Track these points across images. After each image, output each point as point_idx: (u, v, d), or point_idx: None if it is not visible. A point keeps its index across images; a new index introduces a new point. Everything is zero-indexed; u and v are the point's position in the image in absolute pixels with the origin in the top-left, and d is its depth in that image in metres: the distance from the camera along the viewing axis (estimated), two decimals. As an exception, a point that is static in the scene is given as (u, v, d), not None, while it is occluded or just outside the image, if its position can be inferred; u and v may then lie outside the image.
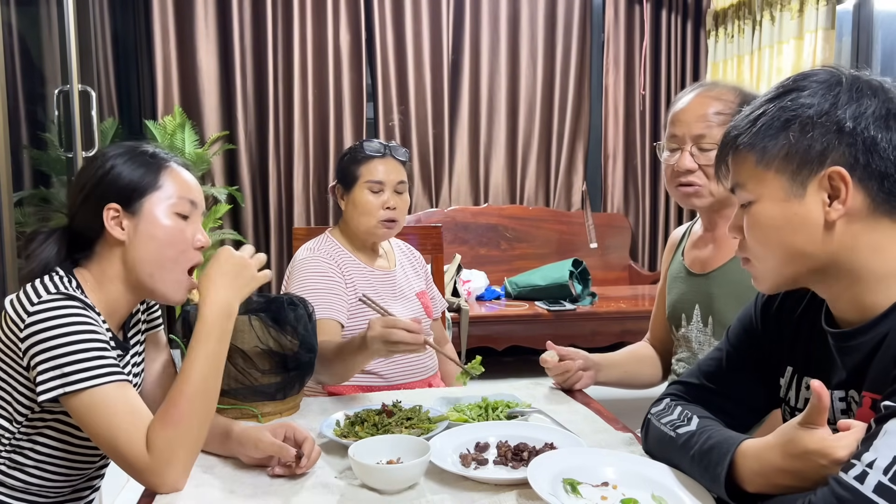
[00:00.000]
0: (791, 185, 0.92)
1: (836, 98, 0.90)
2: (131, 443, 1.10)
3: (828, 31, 3.60)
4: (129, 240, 1.23)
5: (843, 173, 0.89)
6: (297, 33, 4.52)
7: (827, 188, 0.90)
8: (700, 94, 1.55)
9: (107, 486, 1.50)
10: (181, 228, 1.25)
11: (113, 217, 1.23)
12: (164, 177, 1.26)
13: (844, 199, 0.89)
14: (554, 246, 4.80)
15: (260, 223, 4.66)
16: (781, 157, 0.92)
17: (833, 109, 0.90)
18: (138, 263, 1.24)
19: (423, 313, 2.00)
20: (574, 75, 4.88)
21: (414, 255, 2.13)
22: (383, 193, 1.88)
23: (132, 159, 1.25)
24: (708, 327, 1.57)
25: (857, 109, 0.89)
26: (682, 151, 1.54)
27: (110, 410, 1.11)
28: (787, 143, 0.91)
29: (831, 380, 0.98)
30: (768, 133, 0.93)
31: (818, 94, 0.91)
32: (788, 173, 0.92)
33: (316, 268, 1.84)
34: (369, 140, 1.95)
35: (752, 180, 0.96)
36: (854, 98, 0.90)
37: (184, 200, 1.26)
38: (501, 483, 1.12)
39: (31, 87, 3.41)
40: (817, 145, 0.90)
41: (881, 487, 0.77)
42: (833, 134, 0.89)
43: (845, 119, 0.89)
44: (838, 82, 0.92)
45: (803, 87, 0.93)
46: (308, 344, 1.44)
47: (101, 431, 1.11)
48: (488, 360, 1.67)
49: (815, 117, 0.90)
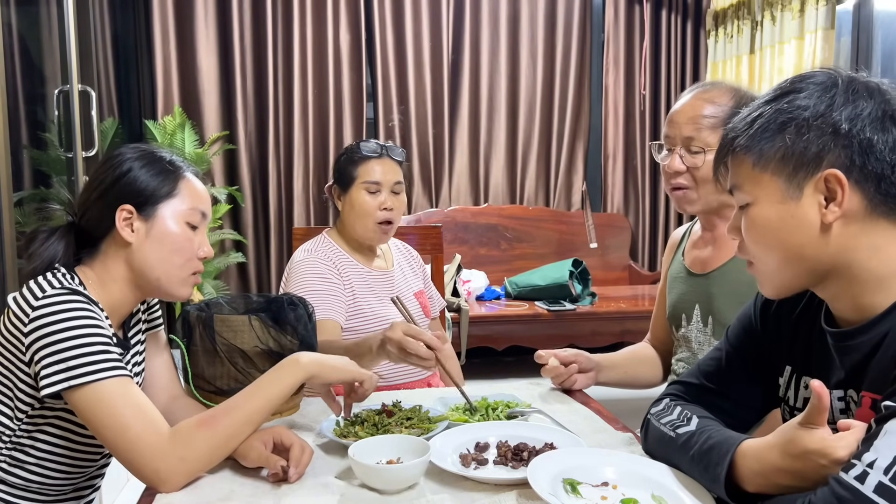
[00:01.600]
0: (788, 188, 0.92)
1: (831, 100, 0.90)
2: (135, 438, 1.10)
3: (828, 31, 3.60)
4: (138, 243, 1.25)
5: (839, 176, 0.88)
6: (297, 33, 4.52)
7: (823, 190, 0.90)
8: (695, 95, 1.54)
9: (107, 485, 1.50)
10: (189, 238, 1.28)
11: (125, 218, 1.24)
12: (180, 186, 1.29)
13: (841, 201, 0.89)
14: (554, 246, 4.80)
15: (260, 223, 4.66)
16: (778, 160, 0.92)
17: (829, 111, 0.89)
18: (145, 267, 1.26)
19: (422, 313, 2.00)
20: (574, 75, 4.88)
21: (412, 254, 2.14)
22: (380, 194, 1.88)
23: (150, 164, 1.28)
24: (708, 327, 1.57)
25: (853, 111, 0.89)
26: (672, 153, 1.54)
27: (115, 405, 1.11)
28: (784, 145, 0.91)
29: (830, 379, 0.98)
30: (765, 135, 0.93)
31: (814, 95, 0.91)
32: (785, 175, 0.92)
33: (313, 269, 1.84)
34: (366, 140, 1.95)
35: (749, 182, 0.96)
36: (850, 100, 0.90)
37: (196, 211, 1.29)
38: (501, 483, 1.11)
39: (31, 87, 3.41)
40: (813, 147, 0.89)
41: (881, 487, 0.77)
42: (829, 136, 0.89)
43: (841, 121, 0.89)
44: (834, 84, 0.92)
45: (800, 88, 0.93)
46: (308, 344, 1.44)
47: (105, 426, 1.12)
48: (488, 360, 1.67)
49: (810, 119, 0.90)
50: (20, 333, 1.15)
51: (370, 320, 1.87)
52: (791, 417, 1.06)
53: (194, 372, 1.41)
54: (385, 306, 1.91)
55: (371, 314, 1.88)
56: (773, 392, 1.12)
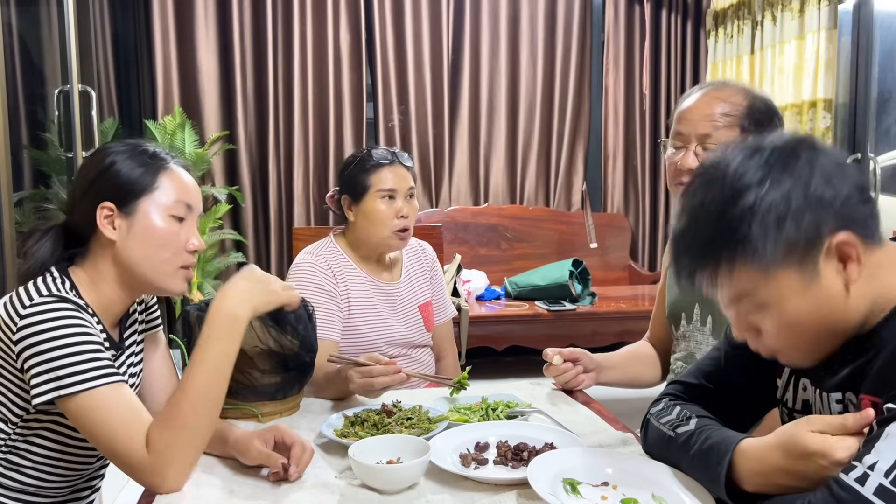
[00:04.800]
0: (803, 274, 0.89)
1: (800, 174, 0.88)
2: (130, 443, 1.10)
3: (830, 30, 3.60)
4: (122, 240, 1.22)
5: (848, 238, 0.88)
6: (297, 33, 4.52)
7: (835, 256, 0.89)
8: (708, 93, 1.53)
9: (107, 485, 1.50)
10: (175, 231, 1.24)
11: (106, 216, 1.22)
12: (161, 178, 1.24)
13: (858, 256, 0.88)
14: (554, 246, 4.80)
15: (260, 223, 4.66)
16: (783, 255, 0.89)
17: (807, 188, 0.88)
18: (131, 264, 1.23)
19: (423, 327, 1.97)
20: (574, 75, 4.88)
21: (426, 256, 2.07)
22: (396, 201, 1.84)
23: (132, 158, 1.24)
24: (707, 327, 1.57)
25: (823, 174, 0.88)
26: (686, 150, 1.53)
27: (107, 412, 1.10)
28: (785, 238, 0.88)
29: (829, 381, 0.98)
30: (758, 240, 0.88)
31: (783, 182, 0.88)
32: (795, 265, 0.89)
33: (311, 278, 1.81)
34: (375, 148, 1.90)
35: (760, 287, 0.91)
36: (811, 164, 0.89)
37: (180, 203, 1.25)
38: (501, 483, 1.11)
39: (31, 87, 3.41)
40: (812, 227, 0.88)
41: (882, 490, 0.77)
42: (821, 209, 0.88)
43: (821, 188, 0.88)
44: (785, 161, 0.89)
45: (745, 185, 0.89)
46: (308, 344, 1.44)
47: (99, 433, 1.11)
48: (488, 360, 1.67)
49: (801, 203, 0.88)
50: (10, 341, 1.14)
51: (363, 335, 1.85)
52: (790, 419, 1.06)
53: (194, 372, 1.41)
54: (382, 320, 1.88)
55: (365, 328, 1.86)
56: (771, 392, 1.12)
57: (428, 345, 1.99)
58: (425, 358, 1.97)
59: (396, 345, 1.89)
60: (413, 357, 1.92)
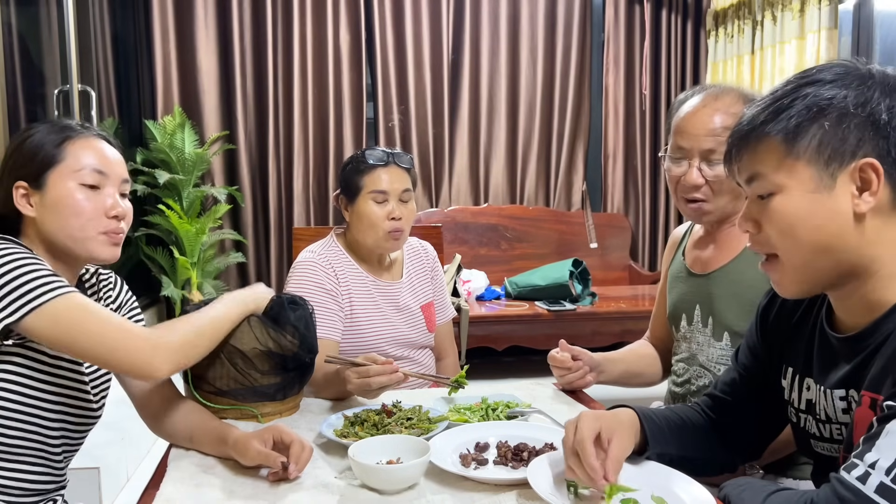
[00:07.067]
0: (821, 177, 0.90)
1: (871, 91, 0.90)
2: (122, 325, 1.16)
3: (831, 30, 3.60)
4: (39, 215, 1.25)
5: (876, 165, 0.88)
6: (297, 33, 4.52)
7: (857, 180, 0.89)
8: (705, 103, 1.51)
9: (107, 486, 1.50)
10: (87, 198, 1.25)
11: (22, 195, 1.24)
12: (66, 148, 1.25)
13: (876, 190, 0.88)
14: (554, 246, 4.80)
15: (260, 223, 4.66)
16: (814, 148, 0.90)
17: (868, 102, 0.89)
18: (50, 236, 1.25)
19: (425, 327, 1.96)
20: (574, 75, 4.87)
21: (427, 256, 2.06)
22: (388, 204, 1.82)
23: (41, 134, 1.26)
24: (708, 328, 1.57)
25: (891, 103, 0.89)
26: (689, 166, 1.52)
27: (87, 310, 1.15)
28: (821, 132, 0.90)
29: (831, 378, 0.98)
30: (799, 123, 0.91)
31: (851, 86, 0.90)
32: (820, 164, 0.90)
33: (313, 278, 1.80)
34: (372, 148, 1.89)
35: (777, 171, 0.93)
36: (887, 92, 0.90)
37: (88, 171, 1.25)
38: (501, 483, 1.11)
39: (31, 87, 3.40)
40: (852, 137, 0.89)
41: (883, 488, 0.77)
42: (868, 126, 0.89)
43: (881, 112, 0.89)
44: (870, 75, 0.92)
45: (821, 79, 0.92)
46: (308, 344, 1.44)
47: (87, 328, 1.14)
48: (488, 360, 1.67)
49: (851, 108, 0.89)
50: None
51: (365, 335, 1.85)
52: (797, 419, 1.06)
53: (194, 373, 1.41)
54: (384, 320, 1.88)
55: (367, 329, 1.85)
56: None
57: (429, 346, 1.99)
58: (426, 360, 1.96)
59: (399, 345, 1.89)
60: (413, 359, 1.92)
